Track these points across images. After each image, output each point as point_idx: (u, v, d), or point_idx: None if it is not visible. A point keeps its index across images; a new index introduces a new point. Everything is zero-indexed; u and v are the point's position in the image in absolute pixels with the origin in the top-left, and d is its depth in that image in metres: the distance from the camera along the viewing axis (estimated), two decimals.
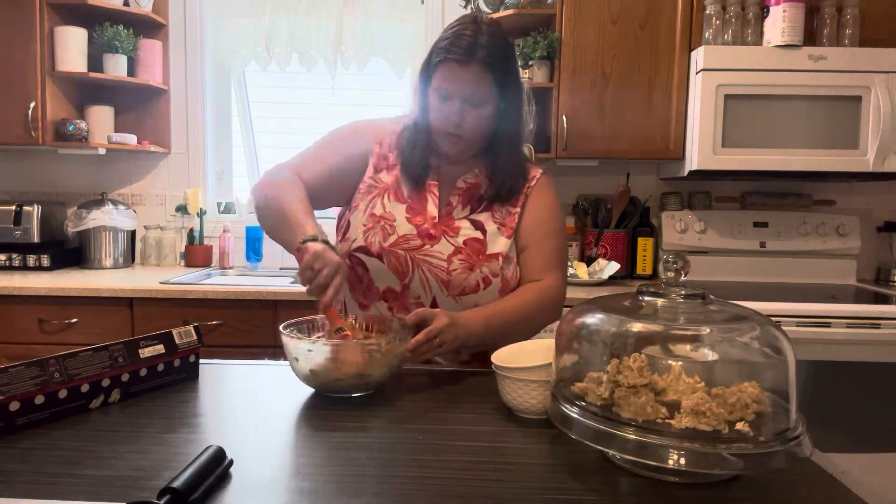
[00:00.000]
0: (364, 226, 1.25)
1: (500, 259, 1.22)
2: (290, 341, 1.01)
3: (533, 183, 1.31)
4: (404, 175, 1.28)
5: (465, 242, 1.22)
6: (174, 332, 1.07)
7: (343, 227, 1.31)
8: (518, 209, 1.28)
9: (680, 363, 0.76)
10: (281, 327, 1.05)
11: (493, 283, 1.20)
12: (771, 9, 2.30)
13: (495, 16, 2.53)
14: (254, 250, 2.75)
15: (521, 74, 1.29)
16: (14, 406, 0.86)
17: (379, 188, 1.28)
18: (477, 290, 1.20)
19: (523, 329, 1.24)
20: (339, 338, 1.06)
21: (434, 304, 1.21)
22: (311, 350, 1.00)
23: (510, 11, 2.49)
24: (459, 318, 1.12)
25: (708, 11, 2.36)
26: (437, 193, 1.28)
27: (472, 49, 1.15)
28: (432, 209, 1.26)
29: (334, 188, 1.31)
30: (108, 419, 0.92)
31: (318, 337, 1.09)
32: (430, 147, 1.28)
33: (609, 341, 0.79)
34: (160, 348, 1.04)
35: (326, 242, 1.10)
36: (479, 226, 1.24)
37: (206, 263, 2.80)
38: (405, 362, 1.08)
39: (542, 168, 1.35)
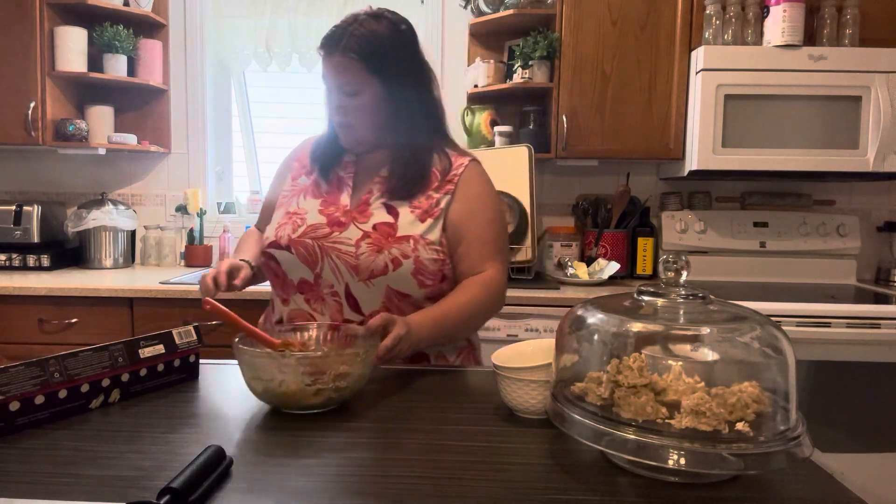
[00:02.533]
0: (278, 224, 1.29)
1: (412, 241, 1.21)
2: (262, 360, 0.91)
3: (460, 171, 1.30)
4: (318, 172, 1.33)
5: (374, 227, 1.22)
6: (174, 332, 1.07)
7: None
8: (440, 195, 1.27)
9: (680, 363, 0.76)
10: (236, 341, 0.97)
11: (403, 265, 1.19)
12: (771, 9, 2.30)
13: (495, 16, 2.54)
14: None
15: (418, 63, 1.28)
16: (14, 406, 0.86)
17: (297, 190, 1.34)
18: (386, 271, 1.19)
19: (472, 325, 1.28)
20: (280, 350, 1.00)
21: (348, 291, 1.21)
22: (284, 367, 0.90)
23: (510, 11, 2.49)
24: (412, 325, 1.13)
25: (708, 11, 2.37)
26: (352, 184, 1.30)
27: (338, 40, 1.21)
28: (345, 199, 1.28)
29: None
30: (108, 419, 0.92)
31: (282, 353, 0.97)
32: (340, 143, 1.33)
33: (609, 341, 0.79)
34: (160, 348, 1.04)
35: (248, 263, 1.28)
36: (392, 211, 1.25)
37: (207, 263, 2.80)
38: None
39: (472, 156, 1.35)
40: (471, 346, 1.37)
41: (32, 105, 2.45)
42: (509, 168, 2.46)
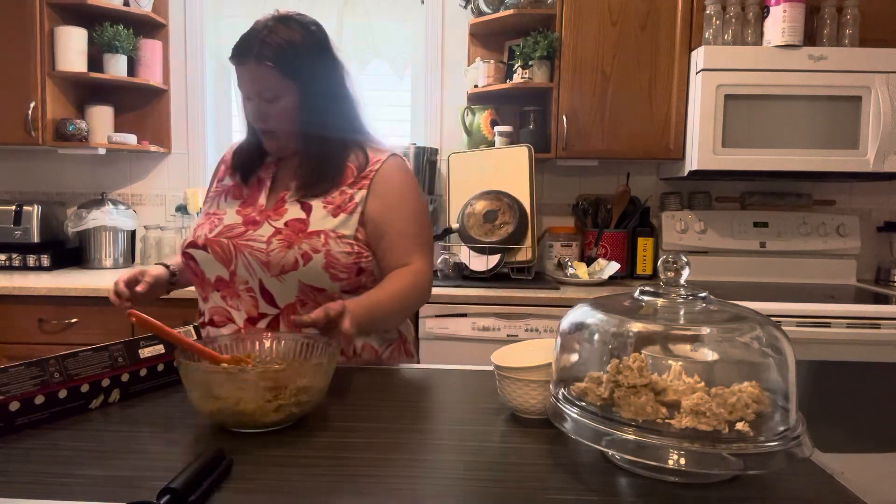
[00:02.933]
0: (197, 224, 1.32)
1: (323, 236, 1.22)
2: (218, 376, 0.84)
3: (376, 166, 1.31)
4: (239, 174, 1.35)
5: (286, 224, 1.24)
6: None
7: None
8: (355, 190, 1.28)
9: (680, 363, 0.77)
10: (179, 355, 0.90)
11: (314, 259, 1.20)
12: (771, 9, 2.30)
13: (495, 16, 2.54)
14: None
15: (330, 62, 1.30)
16: (14, 406, 0.87)
17: (220, 191, 1.36)
18: (296, 266, 1.20)
19: (400, 315, 1.29)
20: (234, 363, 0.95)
21: (262, 286, 1.23)
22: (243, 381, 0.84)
23: (510, 11, 2.49)
24: (350, 306, 1.12)
25: (708, 11, 2.36)
26: (269, 184, 1.32)
27: (249, 48, 1.22)
28: (262, 199, 1.31)
29: None
30: (108, 419, 0.92)
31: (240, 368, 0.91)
32: (261, 145, 1.34)
33: (609, 341, 0.79)
34: (160, 348, 1.04)
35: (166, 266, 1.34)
36: (305, 207, 1.26)
37: None
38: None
39: (392, 152, 1.36)
40: (402, 337, 1.39)
41: (32, 105, 2.45)
42: (509, 168, 2.46)
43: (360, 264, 1.25)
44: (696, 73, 2.34)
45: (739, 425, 0.69)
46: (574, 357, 0.83)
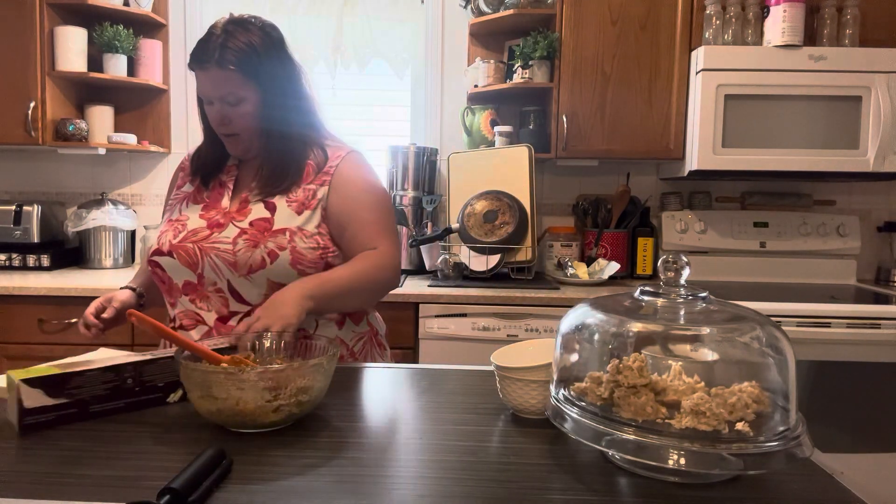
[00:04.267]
0: (161, 232, 1.32)
1: (288, 233, 1.24)
2: (217, 376, 0.83)
3: (336, 162, 1.33)
4: (200, 181, 1.36)
5: (251, 223, 1.25)
6: None
7: None
8: (316, 186, 1.30)
9: (680, 363, 0.77)
10: (180, 356, 0.90)
11: (280, 257, 1.21)
12: (771, 9, 2.30)
13: (495, 16, 2.54)
14: None
15: (287, 63, 1.32)
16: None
17: (180, 198, 1.37)
18: (264, 265, 1.21)
19: (363, 294, 1.28)
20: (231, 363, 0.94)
21: (230, 286, 1.23)
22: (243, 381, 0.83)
23: (510, 11, 2.49)
24: (276, 295, 1.15)
25: (708, 11, 2.36)
26: (232, 187, 1.33)
27: (208, 53, 1.22)
28: (226, 202, 1.32)
29: None
30: (109, 419, 0.92)
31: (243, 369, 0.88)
32: (222, 149, 1.35)
33: (609, 341, 0.79)
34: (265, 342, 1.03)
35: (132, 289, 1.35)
36: (269, 206, 1.27)
37: None
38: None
39: (351, 148, 1.37)
40: (373, 330, 1.40)
41: (32, 105, 2.45)
42: (509, 168, 2.46)
43: (326, 259, 1.26)
44: (696, 73, 2.34)
45: (739, 425, 0.69)
46: (574, 357, 0.83)
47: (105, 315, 1.27)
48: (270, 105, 1.28)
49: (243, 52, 1.23)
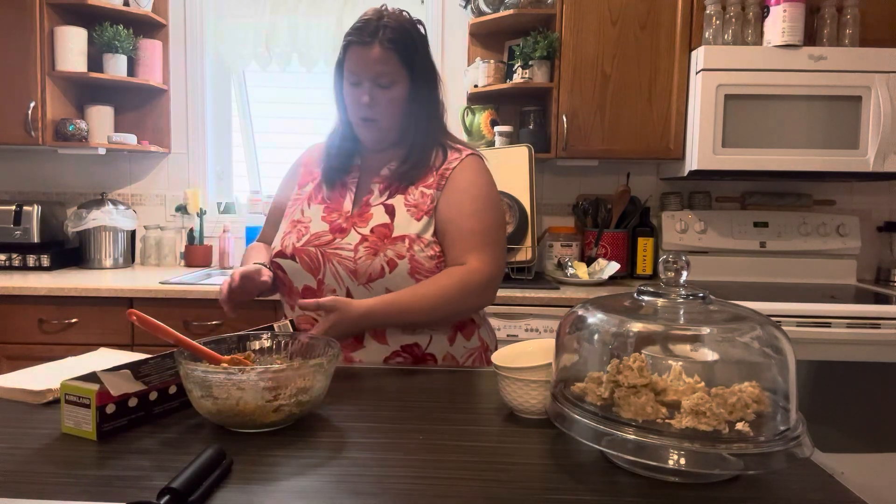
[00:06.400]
0: (284, 233, 1.30)
1: (407, 241, 1.21)
2: (217, 376, 0.83)
3: (453, 165, 1.30)
4: (324, 179, 1.34)
5: (372, 230, 1.24)
6: (275, 325, 1.10)
7: None
8: (433, 191, 1.27)
9: (680, 363, 0.76)
10: (180, 355, 0.89)
11: (399, 266, 1.20)
12: (771, 9, 2.30)
13: (495, 16, 2.54)
14: None
15: (432, 61, 1.33)
16: (153, 396, 0.91)
17: (302, 197, 1.34)
18: (383, 274, 1.20)
19: (434, 313, 1.21)
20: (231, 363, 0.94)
21: (349, 295, 1.22)
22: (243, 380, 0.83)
23: (510, 11, 2.49)
24: (345, 310, 1.15)
25: (708, 11, 2.36)
26: (355, 189, 1.31)
27: (375, 31, 1.22)
28: (348, 205, 1.30)
29: None
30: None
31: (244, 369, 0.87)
32: (353, 145, 1.33)
33: (609, 341, 0.79)
34: (266, 342, 1.03)
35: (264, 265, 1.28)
36: (390, 210, 1.26)
37: (206, 263, 2.80)
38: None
39: (471, 151, 1.35)
40: (483, 345, 1.35)
41: (32, 105, 2.45)
42: (509, 168, 2.46)
43: (442, 268, 1.24)
44: (696, 73, 2.34)
45: (739, 425, 0.69)
46: (574, 357, 0.83)
47: (264, 278, 1.23)
48: (415, 97, 1.27)
49: (404, 37, 1.23)
